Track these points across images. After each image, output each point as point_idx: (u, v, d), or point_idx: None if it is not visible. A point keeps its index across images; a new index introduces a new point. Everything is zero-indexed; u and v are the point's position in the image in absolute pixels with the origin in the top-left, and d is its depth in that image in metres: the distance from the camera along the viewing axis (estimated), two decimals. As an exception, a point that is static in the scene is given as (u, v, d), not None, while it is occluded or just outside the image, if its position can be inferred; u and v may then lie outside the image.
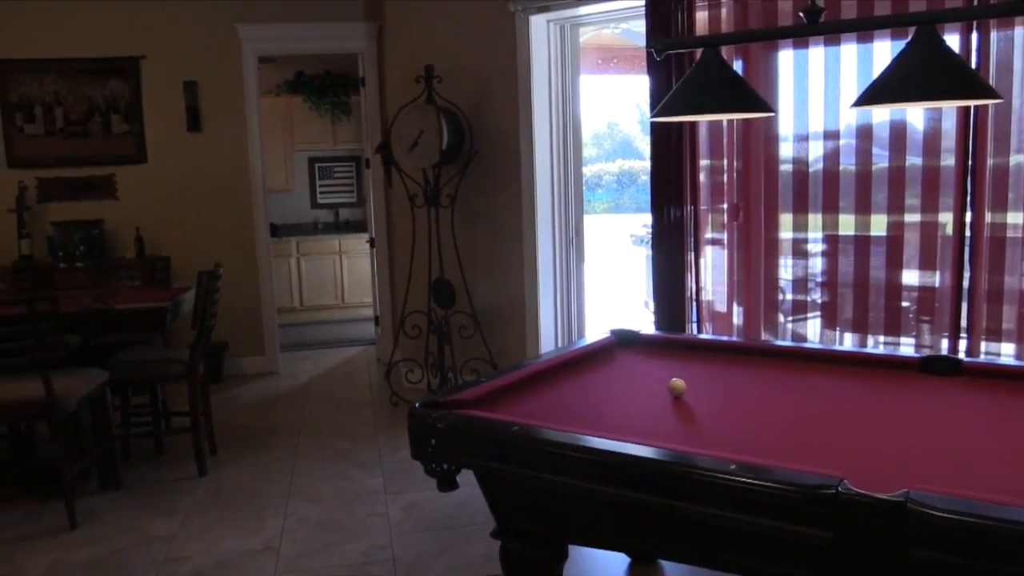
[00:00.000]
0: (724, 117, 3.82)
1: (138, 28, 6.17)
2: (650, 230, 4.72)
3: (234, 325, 6.32)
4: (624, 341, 3.27)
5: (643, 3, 4.38)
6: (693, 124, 4.36)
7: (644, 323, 5.00)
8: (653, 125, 4.43)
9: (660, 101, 2.66)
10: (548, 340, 5.32)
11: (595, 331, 3.48)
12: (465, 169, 5.21)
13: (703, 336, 4.25)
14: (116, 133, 6.24)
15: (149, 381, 4.63)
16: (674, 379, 2.59)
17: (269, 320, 6.65)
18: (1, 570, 3.44)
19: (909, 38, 2.25)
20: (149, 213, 6.30)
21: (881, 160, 3.95)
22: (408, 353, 5.69)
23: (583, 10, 4.91)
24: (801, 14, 2.43)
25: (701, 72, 2.54)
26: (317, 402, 5.84)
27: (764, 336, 4.37)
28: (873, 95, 2.24)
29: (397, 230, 6.16)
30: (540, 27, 5.09)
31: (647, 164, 4.57)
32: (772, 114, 2.66)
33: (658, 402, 2.56)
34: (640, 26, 4.69)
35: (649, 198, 4.58)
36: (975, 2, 3.64)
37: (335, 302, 8.92)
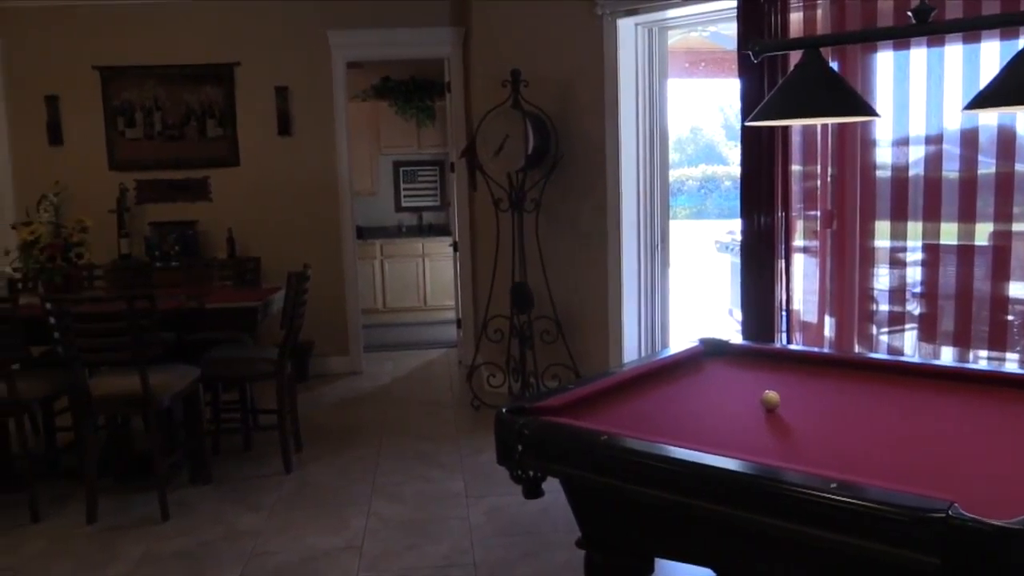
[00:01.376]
0: (827, 121, 3.70)
1: (233, 36, 6.36)
2: (737, 237, 4.61)
3: (320, 325, 6.44)
4: (713, 350, 3.19)
5: (734, 5, 4.28)
6: (785, 128, 4.24)
7: (729, 332, 4.89)
8: (744, 129, 4.32)
9: (752, 104, 2.59)
10: (631, 346, 5.25)
11: (679, 339, 3.41)
12: (550, 173, 5.19)
13: (794, 347, 4.13)
14: (211, 137, 6.45)
15: (239, 379, 4.74)
16: (767, 391, 2.51)
17: (353, 321, 6.76)
18: (99, 556, 3.57)
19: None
20: (241, 214, 6.48)
21: (986, 166, 3.77)
22: (490, 356, 5.70)
23: (671, 13, 4.83)
24: (909, 13, 2.32)
25: (802, 74, 2.45)
26: (399, 403, 5.90)
27: (857, 348, 4.22)
28: (988, 98, 2.12)
29: (480, 234, 6.18)
30: (628, 30, 5.03)
31: (731, 169, 4.51)
32: (877, 118, 2.56)
33: (750, 414, 2.48)
34: (728, 28, 4.59)
35: (737, 204, 4.47)
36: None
37: (418, 304, 9.02)
